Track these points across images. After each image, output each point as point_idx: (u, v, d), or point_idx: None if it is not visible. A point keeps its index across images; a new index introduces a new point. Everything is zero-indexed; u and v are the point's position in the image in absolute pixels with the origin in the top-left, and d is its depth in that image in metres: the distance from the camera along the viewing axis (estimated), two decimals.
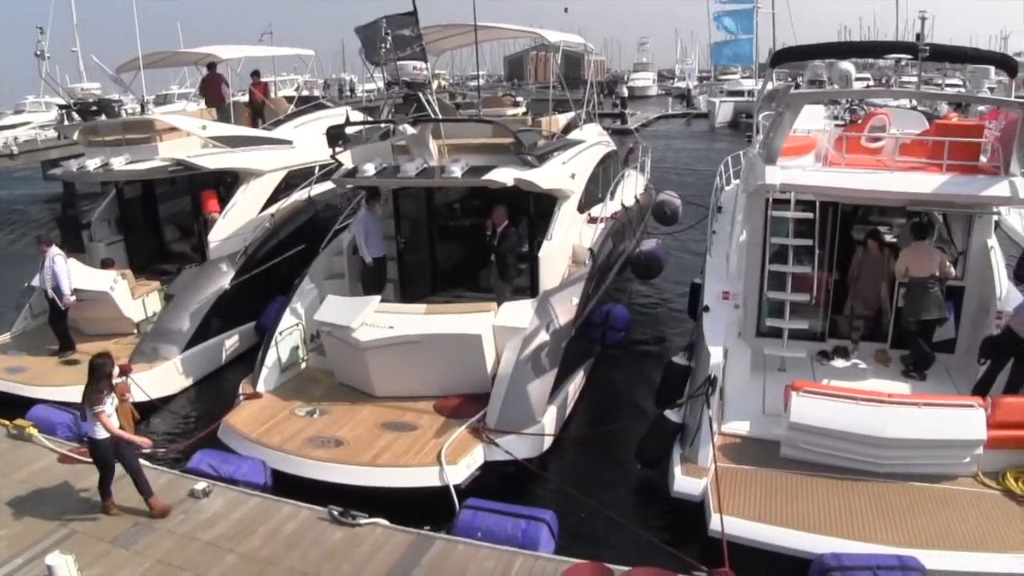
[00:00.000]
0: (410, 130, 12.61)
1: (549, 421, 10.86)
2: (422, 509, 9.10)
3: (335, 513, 8.65)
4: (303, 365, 12.77)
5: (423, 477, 9.62)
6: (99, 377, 8.55)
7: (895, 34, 51.46)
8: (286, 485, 9.61)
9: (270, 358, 12.13)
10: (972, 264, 11.75)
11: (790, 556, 8.07)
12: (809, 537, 8.22)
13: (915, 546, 7.99)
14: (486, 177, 11.94)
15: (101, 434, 8.51)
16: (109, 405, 8.52)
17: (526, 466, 10.16)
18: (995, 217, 12.16)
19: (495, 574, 7.75)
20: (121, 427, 8.76)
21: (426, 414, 11.03)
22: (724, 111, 57.86)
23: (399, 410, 11.14)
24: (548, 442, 10.71)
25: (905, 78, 31.82)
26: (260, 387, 11.92)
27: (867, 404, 9.46)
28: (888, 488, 9.06)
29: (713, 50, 52.55)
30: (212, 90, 19.33)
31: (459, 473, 9.70)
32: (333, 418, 11.04)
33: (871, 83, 44.52)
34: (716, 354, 10.07)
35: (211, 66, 19.20)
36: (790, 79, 25.42)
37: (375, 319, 11.42)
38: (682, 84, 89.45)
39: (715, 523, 8.35)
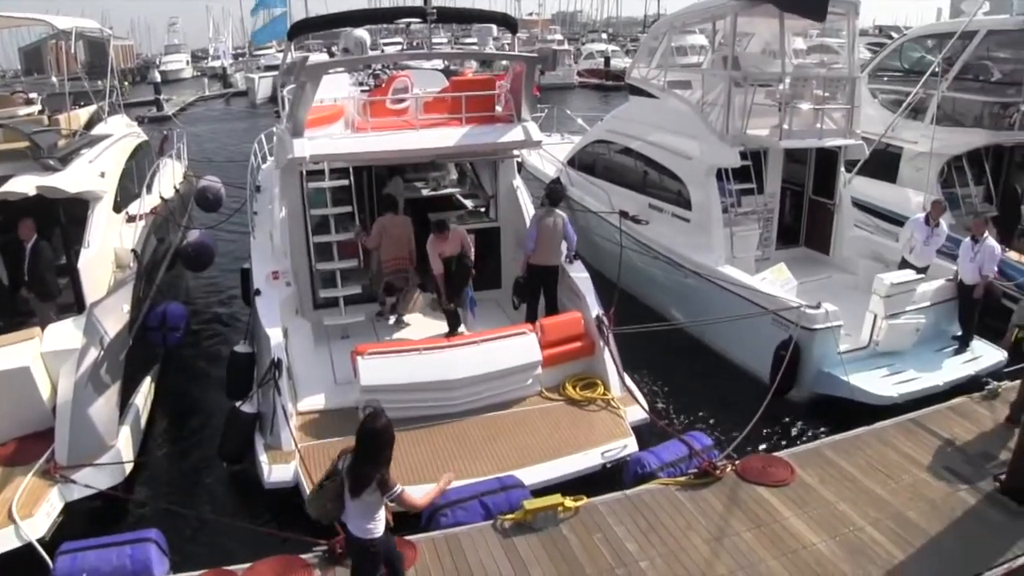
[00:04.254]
0: None
1: (125, 441, 9.90)
2: (13, 574, 7.85)
3: None
4: None
5: None
6: (383, 445, 5.89)
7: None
8: None
9: None
10: (503, 205, 12.83)
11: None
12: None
13: (504, 470, 8.67)
14: (3, 189, 10.67)
15: (380, 529, 6.09)
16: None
17: (113, 496, 9.21)
18: (517, 160, 13.31)
19: None
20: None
21: None
22: (264, 87, 57.13)
23: None
24: (129, 464, 9.79)
25: (436, 40, 33.81)
26: None
27: (430, 352, 10.01)
28: (467, 424, 9.69)
29: (254, 32, 52.13)
30: None
31: (39, 525, 8.38)
32: None
33: (404, 47, 46.91)
34: (275, 336, 9.91)
35: None
36: (326, 48, 25.73)
37: None
38: (217, 63, 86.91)
39: None
